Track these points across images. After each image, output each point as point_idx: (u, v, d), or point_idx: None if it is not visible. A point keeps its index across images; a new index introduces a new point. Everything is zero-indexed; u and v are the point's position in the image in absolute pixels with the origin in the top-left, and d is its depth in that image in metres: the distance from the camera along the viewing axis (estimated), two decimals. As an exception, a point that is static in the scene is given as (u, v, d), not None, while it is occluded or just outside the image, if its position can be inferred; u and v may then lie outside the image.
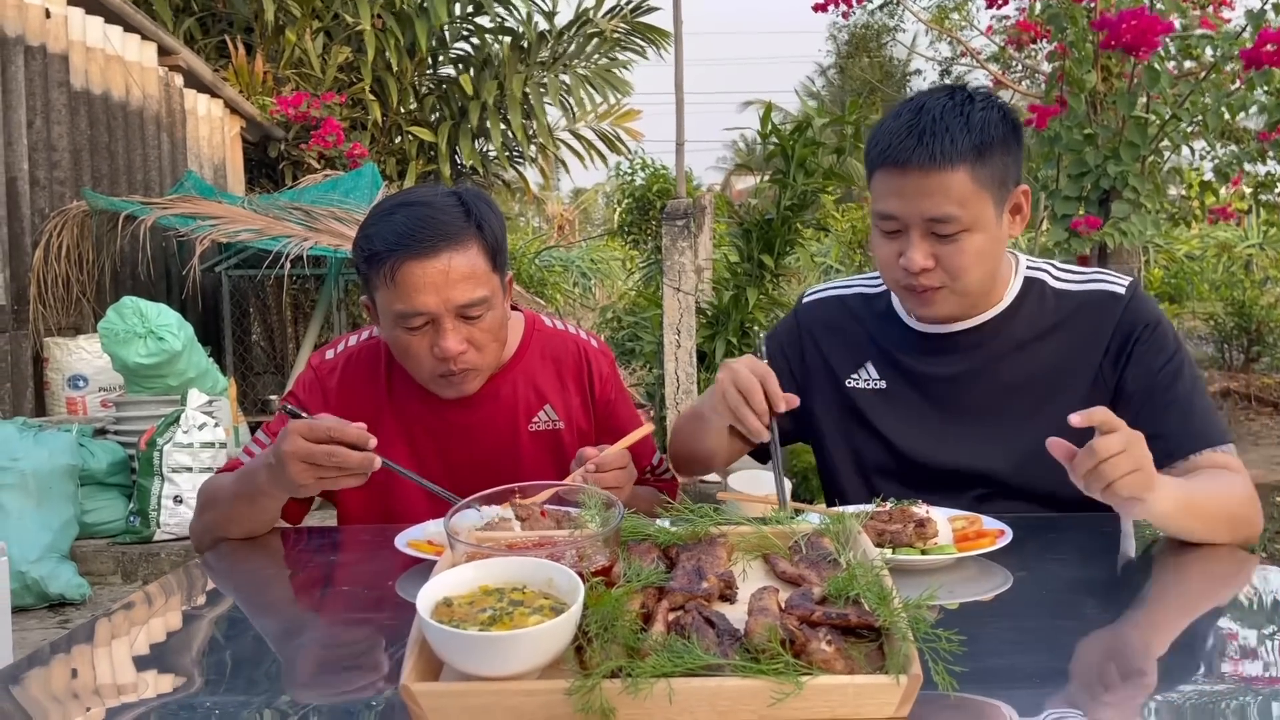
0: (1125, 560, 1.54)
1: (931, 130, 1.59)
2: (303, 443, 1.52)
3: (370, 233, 1.73)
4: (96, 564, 4.77)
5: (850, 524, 1.30)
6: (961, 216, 1.60)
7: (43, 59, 6.07)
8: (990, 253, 1.66)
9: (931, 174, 1.59)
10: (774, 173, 6.40)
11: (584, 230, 20.35)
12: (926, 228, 1.62)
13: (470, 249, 1.71)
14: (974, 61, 9.63)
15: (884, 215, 1.66)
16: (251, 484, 1.65)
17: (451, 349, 1.71)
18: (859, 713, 0.95)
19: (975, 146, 1.59)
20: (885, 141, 1.64)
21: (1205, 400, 1.70)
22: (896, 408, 1.80)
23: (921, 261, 1.63)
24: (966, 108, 1.62)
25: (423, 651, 0.99)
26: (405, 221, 1.70)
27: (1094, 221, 3.88)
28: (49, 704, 1.10)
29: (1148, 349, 1.69)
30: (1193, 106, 3.95)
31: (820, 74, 24.23)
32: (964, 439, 1.75)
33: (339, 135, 8.46)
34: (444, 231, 1.69)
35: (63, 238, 6.04)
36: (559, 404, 1.93)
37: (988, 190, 1.62)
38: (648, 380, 7.21)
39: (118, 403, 5.29)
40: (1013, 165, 1.66)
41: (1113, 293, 1.74)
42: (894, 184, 1.63)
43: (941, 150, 1.58)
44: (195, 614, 1.44)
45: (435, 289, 1.68)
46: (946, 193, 1.59)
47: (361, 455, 1.52)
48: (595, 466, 1.61)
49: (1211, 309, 10.52)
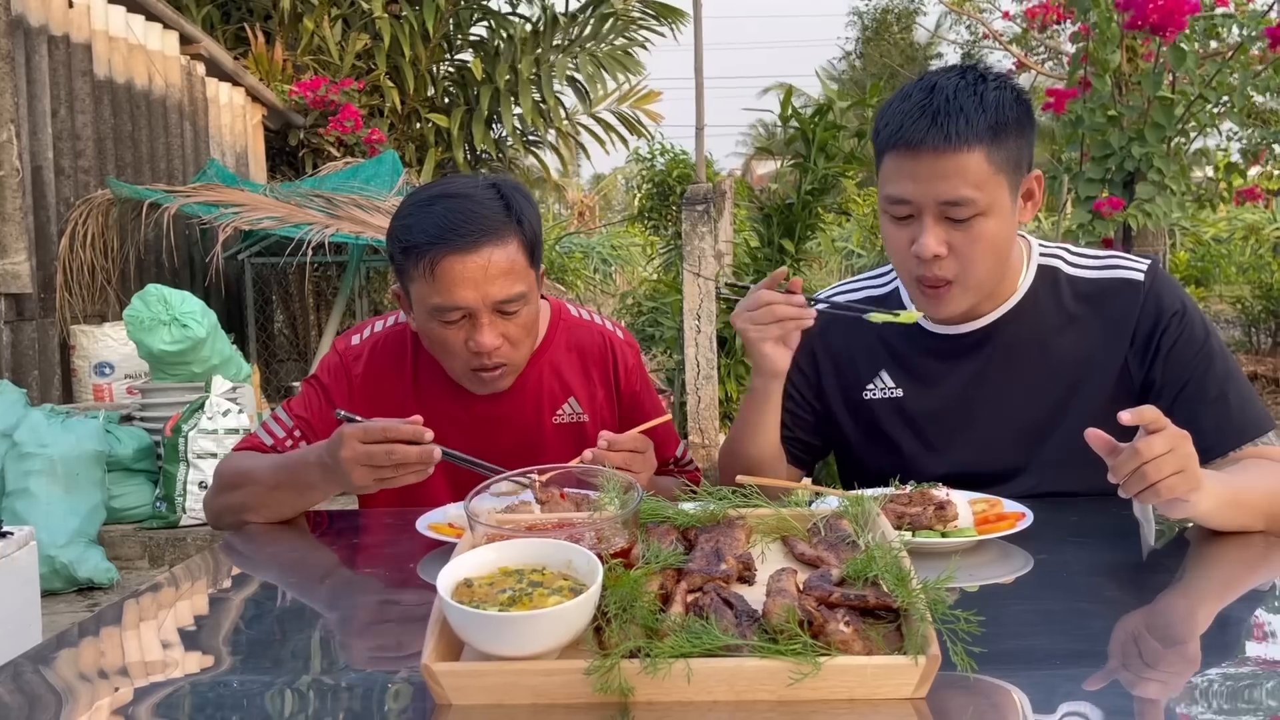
0: (1147, 545, 1.54)
1: (945, 110, 1.53)
2: (361, 447, 1.52)
3: (409, 223, 1.71)
4: (124, 549, 4.83)
5: (869, 506, 1.30)
6: (977, 200, 1.54)
7: (66, 49, 6.11)
8: (1004, 240, 1.60)
9: (946, 155, 1.53)
10: (794, 157, 6.37)
11: (604, 216, 20.33)
12: (940, 212, 1.56)
13: (510, 243, 1.70)
14: (996, 43, 9.54)
15: (895, 199, 1.59)
16: (301, 478, 1.66)
17: (488, 344, 1.70)
18: (877, 693, 0.95)
19: (990, 127, 1.53)
20: (896, 123, 1.57)
21: (1242, 387, 1.62)
22: (914, 416, 1.75)
23: (935, 247, 1.56)
24: (980, 87, 1.56)
25: (444, 632, 1.00)
26: (445, 214, 1.68)
27: (1116, 203, 3.84)
28: (78, 684, 1.11)
29: (1176, 339, 1.62)
30: (1219, 87, 3.90)
31: (842, 58, 24.06)
32: (984, 442, 1.70)
33: (357, 121, 8.46)
34: (484, 225, 1.68)
35: (88, 226, 6.09)
36: (583, 396, 1.92)
37: (1003, 173, 1.56)
38: (668, 366, 7.21)
39: (143, 389, 5.34)
40: (1026, 149, 1.60)
41: (1132, 279, 1.67)
42: (906, 167, 1.56)
43: (957, 131, 1.52)
44: (221, 596, 1.46)
45: (474, 284, 1.66)
46: (962, 175, 1.53)
47: (420, 449, 1.52)
48: (608, 444, 1.61)
49: (1239, 292, 10.41)
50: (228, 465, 1.82)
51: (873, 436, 1.79)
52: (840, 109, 6.35)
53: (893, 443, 1.77)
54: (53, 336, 5.95)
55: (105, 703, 1.05)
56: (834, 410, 1.83)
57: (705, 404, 6.18)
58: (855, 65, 22.98)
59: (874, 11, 21.12)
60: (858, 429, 1.81)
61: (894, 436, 1.77)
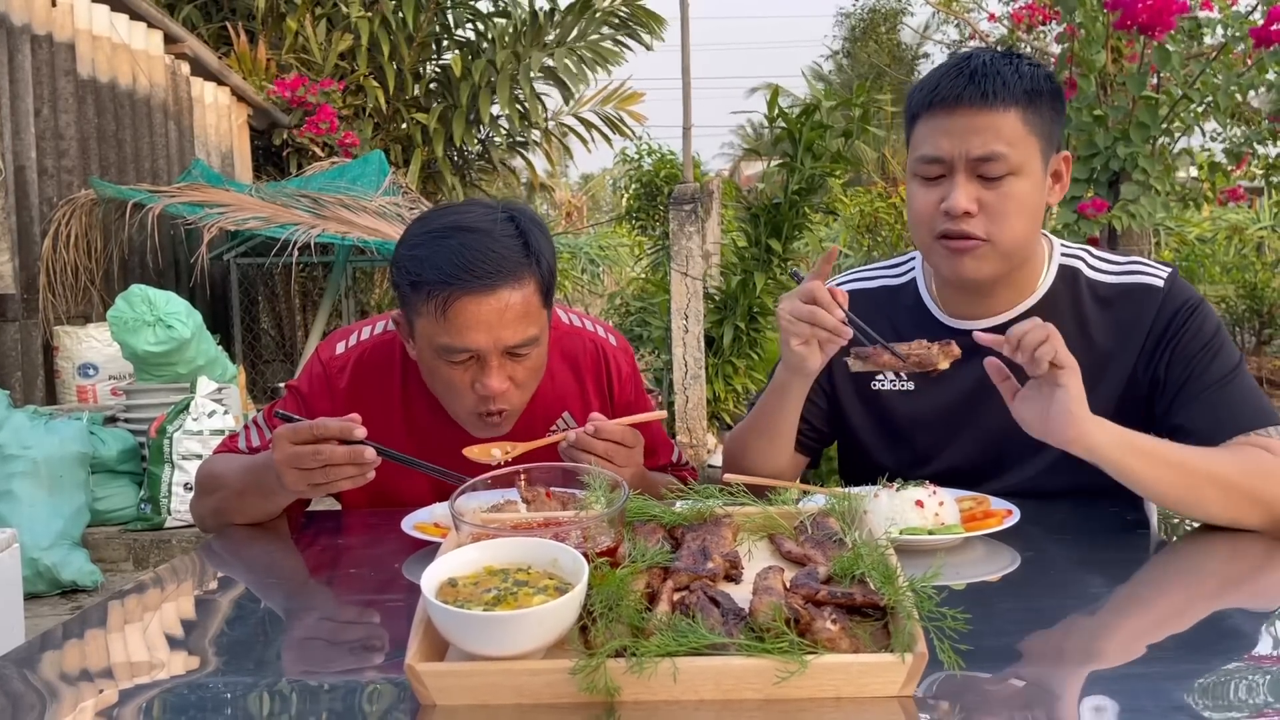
0: (1137, 542, 1.54)
1: (983, 71, 1.57)
2: (290, 448, 1.48)
3: (419, 255, 1.60)
4: (108, 551, 4.80)
5: (856, 504, 1.30)
6: (1010, 156, 1.56)
7: (49, 48, 6.07)
8: (1034, 205, 1.61)
9: (983, 112, 1.56)
10: (781, 157, 6.37)
11: (592, 217, 20.31)
12: (973, 169, 1.57)
13: (527, 285, 1.61)
14: (982, 44, 9.57)
15: (927, 159, 1.60)
16: (263, 483, 1.63)
17: (495, 388, 1.62)
18: (864, 691, 0.95)
19: (1026, 91, 1.57)
20: (933, 83, 1.60)
21: (1245, 384, 1.60)
22: (926, 411, 1.75)
23: (965, 204, 1.57)
24: (1015, 60, 1.61)
25: (428, 632, 1.00)
26: (462, 251, 1.57)
27: (1100, 204, 3.86)
28: (61, 685, 1.10)
29: (1184, 334, 1.62)
30: (1203, 87, 3.92)
31: (829, 59, 24.12)
32: (992, 440, 1.69)
33: (333, 123, 8.44)
34: (502, 266, 1.58)
35: (71, 226, 6.05)
36: (578, 410, 1.85)
37: (1037, 137, 1.58)
38: (656, 365, 7.20)
39: (128, 390, 5.31)
40: (1057, 125, 1.63)
41: (1151, 285, 1.66)
42: (942, 124, 1.59)
43: (994, 90, 1.55)
44: (205, 597, 1.45)
45: (488, 328, 1.58)
46: (997, 131, 1.56)
47: (349, 449, 1.46)
48: (594, 429, 1.57)
49: (1223, 292, 10.47)
50: (204, 469, 1.81)
51: (881, 428, 1.80)
52: (827, 109, 6.35)
53: (901, 436, 1.78)
54: (36, 337, 5.91)
55: (89, 704, 1.04)
56: (843, 399, 1.83)
57: (693, 404, 6.18)
58: (842, 66, 23.02)
59: (861, 12, 21.16)
60: (867, 419, 1.81)
61: (903, 430, 1.77)
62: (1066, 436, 1.43)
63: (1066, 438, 1.43)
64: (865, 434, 1.82)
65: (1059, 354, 1.41)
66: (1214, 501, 1.46)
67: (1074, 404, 1.42)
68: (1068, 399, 1.42)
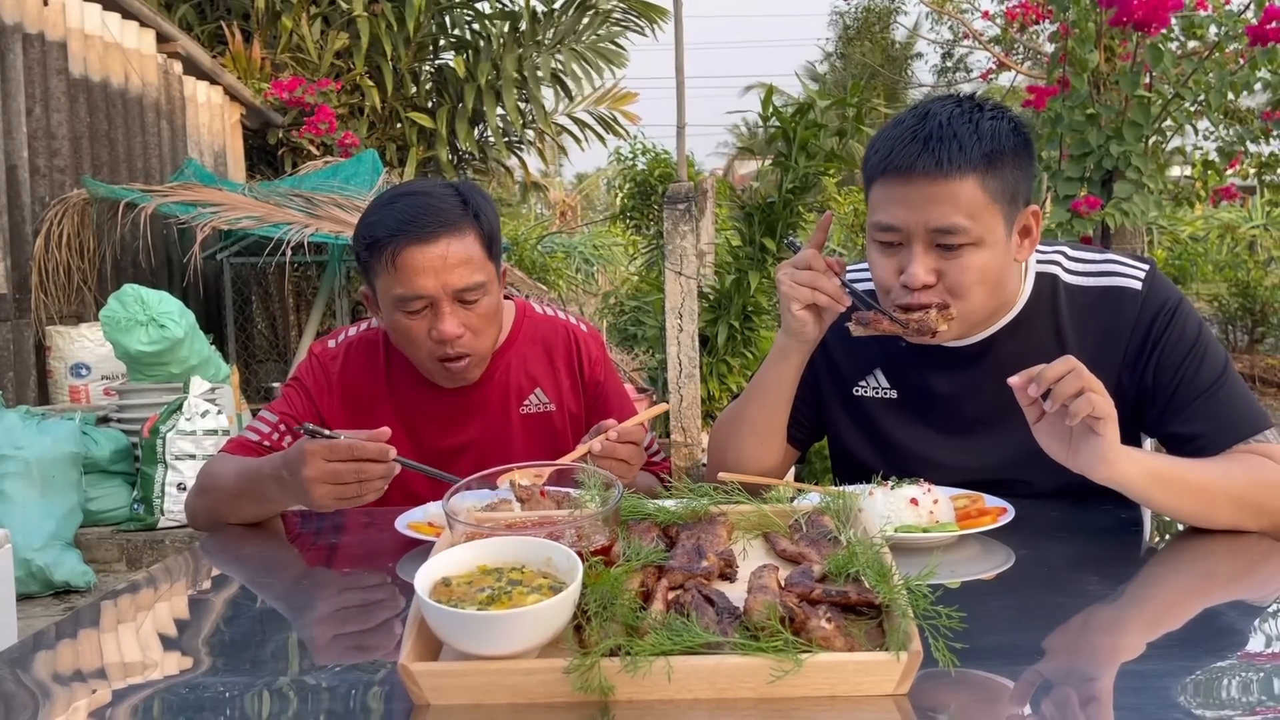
0: (1131, 540, 1.54)
1: (938, 136, 1.49)
2: (326, 465, 1.51)
3: (371, 220, 1.81)
4: (101, 551, 4.78)
5: (850, 502, 1.30)
6: (969, 228, 1.50)
7: (41, 47, 6.05)
8: (996, 273, 1.56)
9: (938, 182, 1.49)
10: (776, 156, 6.37)
11: (586, 216, 20.29)
12: (930, 240, 1.52)
13: (467, 236, 1.79)
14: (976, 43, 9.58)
15: (884, 226, 1.55)
16: (259, 490, 1.67)
17: (449, 332, 1.77)
18: (859, 690, 0.95)
19: (985, 155, 1.50)
20: (887, 149, 1.53)
21: (1235, 387, 1.58)
22: (908, 418, 1.73)
23: (923, 276, 1.52)
24: (975, 115, 1.53)
25: (421, 631, 0.99)
26: (406, 209, 1.78)
27: (1094, 202, 3.87)
28: (54, 685, 1.10)
29: (1166, 341, 1.59)
30: (1196, 85, 3.92)
31: (823, 59, 24.12)
32: (980, 449, 1.68)
33: (331, 123, 8.43)
34: (442, 219, 1.77)
35: (63, 226, 6.03)
36: (550, 387, 2.00)
37: (998, 203, 1.52)
38: (650, 365, 7.20)
39: (120, 390, 5.29)
40: (1024, 181, 1.56)
41: (1128, 289, 1.63)
42: (897, 193, 1.52)
43: (949, 157, 1.48)
44: (199, 597, 1.45)
45: (434, 272, 1.75)
46: (954, 202, 1.49)
47: (384, 466, 1.53)
48: (618, 435, 1.66)
49: (1215, 290, 10.50)
50: (205, 468, 1.86)
51: (863, 431, 1.79)
52: (821, 108, 6.35)
53: (883, 440, 1.77)
54: (28, 337, 5.89)
55: (83, 704, 1.03)
56: (825, 399, 1.83)
57: (688, 403, 6.17)
58: (836, 65, 23.03)
59: (855, 11, 21.16)
60: (850, 422, 1.81)
61: (885, 434, 1.76)
62: (1098, 475, 1.40)
63: (1098, 476, 1.40)
64: (848, 435, 1.82)
65: (1096, 407, 1.35)
66: (1225, 514, 1.46)
67: (1109, 450, 1.38)
68: (1104, 446, 1.38)
